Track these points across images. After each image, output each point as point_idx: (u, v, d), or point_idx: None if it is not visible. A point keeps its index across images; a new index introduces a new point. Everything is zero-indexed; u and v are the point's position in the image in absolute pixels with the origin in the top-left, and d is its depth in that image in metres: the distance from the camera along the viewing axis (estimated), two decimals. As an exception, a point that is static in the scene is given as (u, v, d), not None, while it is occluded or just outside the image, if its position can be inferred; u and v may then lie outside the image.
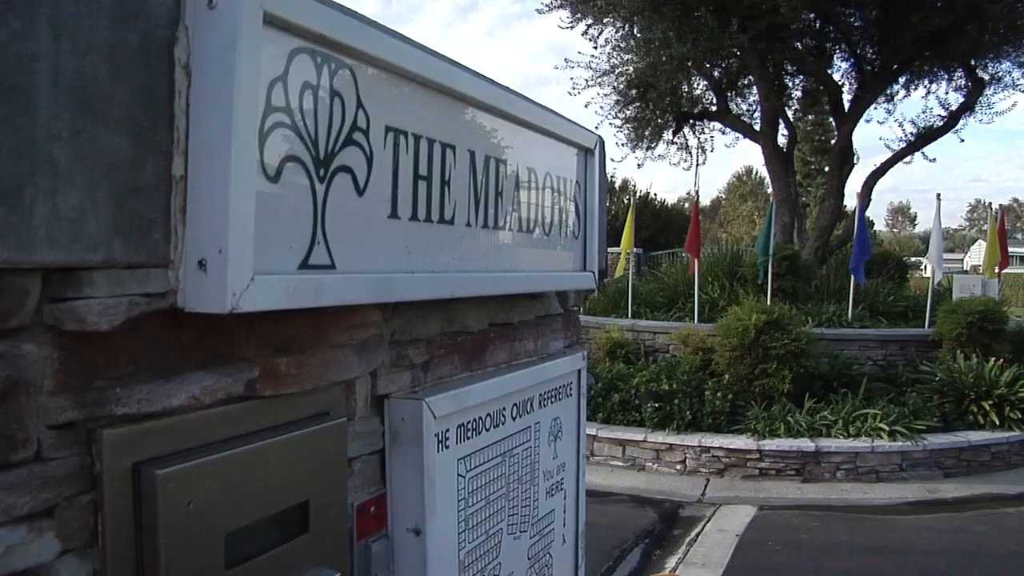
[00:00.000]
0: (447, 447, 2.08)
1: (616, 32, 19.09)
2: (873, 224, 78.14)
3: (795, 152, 42.75)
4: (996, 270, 16.24)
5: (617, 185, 49.13)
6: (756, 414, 11.91)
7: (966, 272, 64.59)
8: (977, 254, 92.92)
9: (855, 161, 21.07)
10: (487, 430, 2.29)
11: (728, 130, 21.63)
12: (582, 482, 3.04)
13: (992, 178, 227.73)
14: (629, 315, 16.15)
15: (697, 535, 9.52)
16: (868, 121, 20.88)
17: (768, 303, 14.61)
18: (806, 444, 11.40)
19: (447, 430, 2.07)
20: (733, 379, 12.49)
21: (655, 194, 50.46)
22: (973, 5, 15.49)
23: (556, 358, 2.78)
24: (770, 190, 22.55)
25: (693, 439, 11.64)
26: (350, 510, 1.84)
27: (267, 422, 1.57)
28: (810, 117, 33.14)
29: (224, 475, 1.44)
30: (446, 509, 2.07)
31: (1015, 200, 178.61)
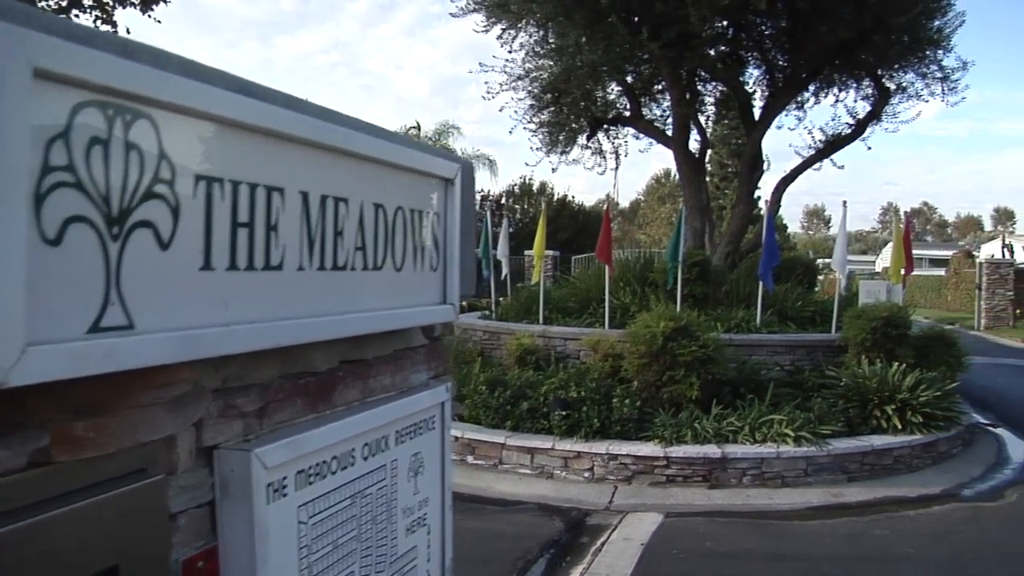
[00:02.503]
0: (284, 495, 2.01)
1: (530, 37, 19.12)
2: (787, 227, 79.47)
3: (713, 155, 43.26)
4: (901, 275, 16.56)
5: (535, 188, 49.21)
6: (664, 421, 11.98)
7: (878, 273, 66.16)
8: (889, 256, 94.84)
9: (766, 167, 21.37)
10: (333, 473, 2.22)
11: (642, 135, 21.78)
12: (448, 515, 2.97)
13: (904, 182, 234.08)
14: (541, 321, 16.16)
15: (603, 544, 9.53)
16: (780, 128, 21.20)
17: (678, 309, 14.70)
18: (713, 450, 11.51)
19: (284, 478, 2.00)
20: (642, 386, 12.56)
21: (572, 196, 50.68)
22: (878, 17, 15.79)
23: (417, 392, 2.72)
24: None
25: (601, 446, 11.67)
26: (175, 566, 1.76)
27: (66, 487, 1.49)
28: (725, 121, 33.54)
29: (10, 548, 1.37)
30: (283, 559, 2.00)
31: (925, 203, 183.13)
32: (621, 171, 21.99)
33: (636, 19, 16.17)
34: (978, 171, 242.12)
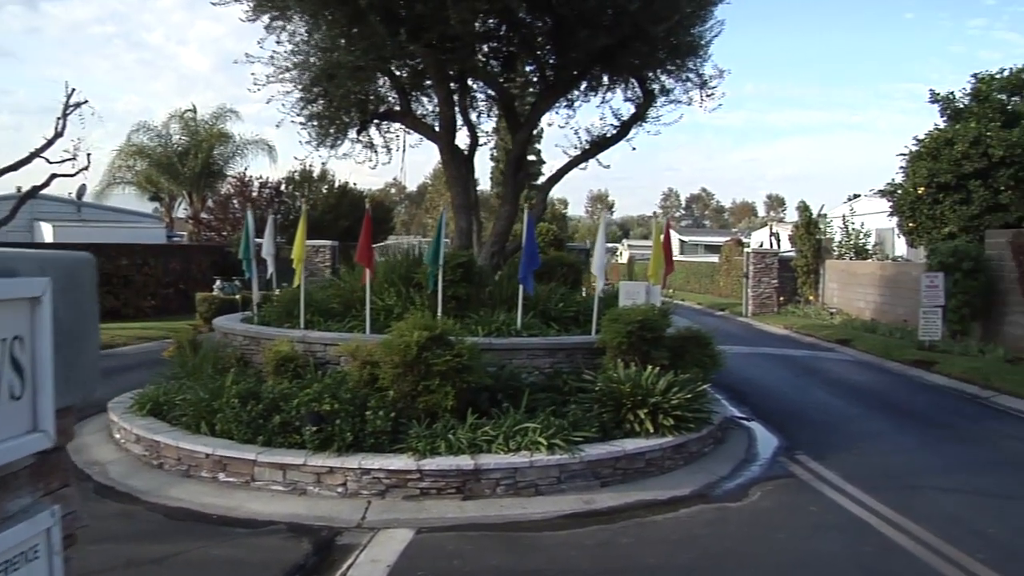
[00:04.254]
0: None
1: (295, 31, 18.57)
2: (565, 215, 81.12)
3: (499, 142, 43.48)
4: (661, 276, 16.97)
5: (315, 174, 48.44)
6: (418, 432, 11.80)
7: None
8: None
9: (543, 165, 21.58)
10: None
11: (412, 131, 21.57)
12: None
13: (684, 168, 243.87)
14: (302, 325, 15.76)
15: (348, 568, 9.30)
16: (550, 125, 21.43)
17: (439, 312, 14.62)
18: (466, 462, 11.42)
19: None
20: (398, 395, 12.33)
21: (355, 183, 50.16)
22: (637, 25, 16.06)
23: (16, 522, 2.45)
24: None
25: (354, 461, 11.38)
26: None
27: None
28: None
29: None
30: None
31: (703, 189, 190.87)
32: (409, 154, 21.75)
33: (399, 18, 15.91)
34: (753, 159, 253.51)
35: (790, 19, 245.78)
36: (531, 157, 61.89)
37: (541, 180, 36.63)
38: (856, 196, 55.74)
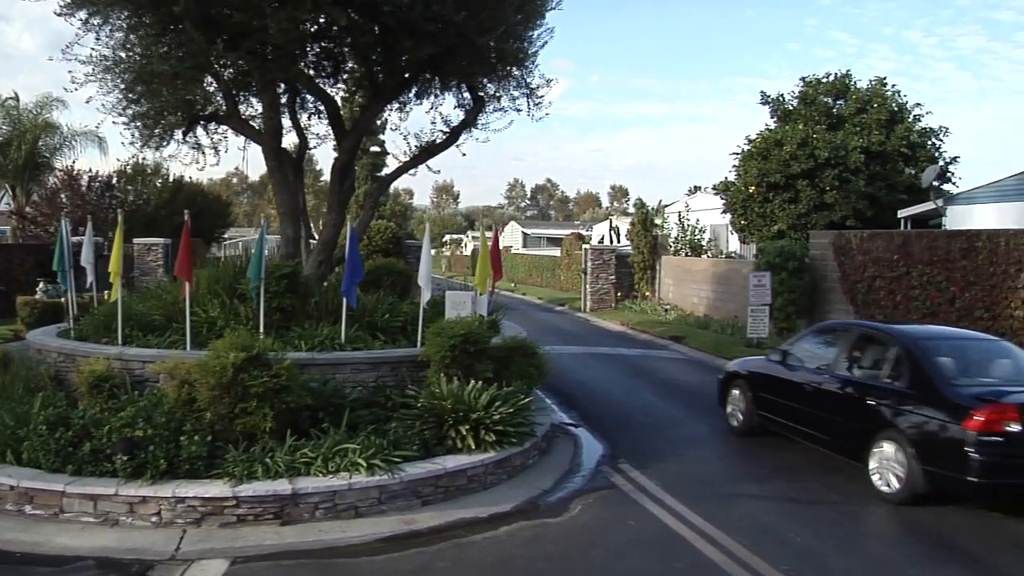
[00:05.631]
0: None
1: (113, 30, 17.84)
2: (408, 207, 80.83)
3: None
4: (488, 284, 17.02)
5: (149, 168, 46.95)
6: (235, 457, 11.51)
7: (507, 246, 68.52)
8: (509, 234, 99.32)
9: (386, 155, 21.45)
10: None
11: (239, 134, 21.10)
12: None
13: (530, 157, 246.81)
14: (120, 341, 15.16)
15: (156, 607, 9.07)
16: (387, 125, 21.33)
17: (262, 326, 14.37)
18: (283, 486, 11.18)
19: None
20: (215, 418, 12.00)
21: (191, 177, 48.90)
22: (463, 35, 16.04)
23: None
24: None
25: (167, 489, 10.98)
26: None
27: None
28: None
29: None
30: None
31: (549, 180, 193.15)
32: (252, 145, 21.13)
33: (217, 26, 15.46)
34: (597, 150, 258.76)
35: (635, 11, 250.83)
36: (375, 148, 61.66)
37: (385, 171, 36.39)
38: (697, 188, 57.47)
